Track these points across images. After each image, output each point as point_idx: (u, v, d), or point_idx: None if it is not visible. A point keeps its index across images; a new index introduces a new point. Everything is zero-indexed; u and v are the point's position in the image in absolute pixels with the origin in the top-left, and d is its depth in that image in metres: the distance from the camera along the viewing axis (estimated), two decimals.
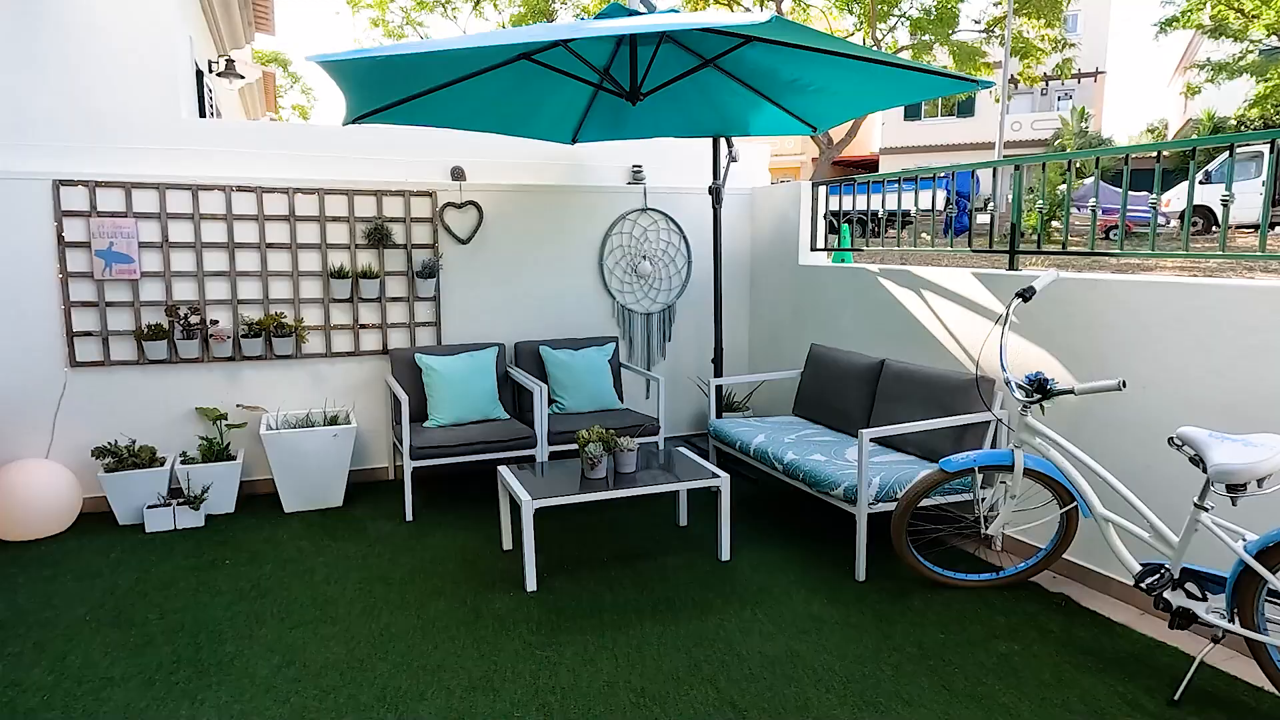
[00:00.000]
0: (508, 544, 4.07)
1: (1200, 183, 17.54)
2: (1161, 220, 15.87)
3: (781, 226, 5.61)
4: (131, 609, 3.42)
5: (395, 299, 5.08)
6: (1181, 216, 16.08)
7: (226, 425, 4.68)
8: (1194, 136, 23.81)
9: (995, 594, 3.49)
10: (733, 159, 5.47)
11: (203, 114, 6.30)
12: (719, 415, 5.15)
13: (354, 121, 4.20)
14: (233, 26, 7.86)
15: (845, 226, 5.62)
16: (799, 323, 5.44)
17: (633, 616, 3.35)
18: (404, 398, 4.46)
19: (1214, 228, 14.78)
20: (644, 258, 5.64)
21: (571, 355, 5.18)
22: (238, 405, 4.76)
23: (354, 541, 4.17)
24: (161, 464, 4.45)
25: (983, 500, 3.46)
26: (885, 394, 4.36)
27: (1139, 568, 2.82)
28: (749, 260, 6.01)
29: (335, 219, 4.90)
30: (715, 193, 5.20)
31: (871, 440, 4.06)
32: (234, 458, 4.63)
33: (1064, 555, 3.57)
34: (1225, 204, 3.05)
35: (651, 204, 5.65)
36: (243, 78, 7.06)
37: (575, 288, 5.52)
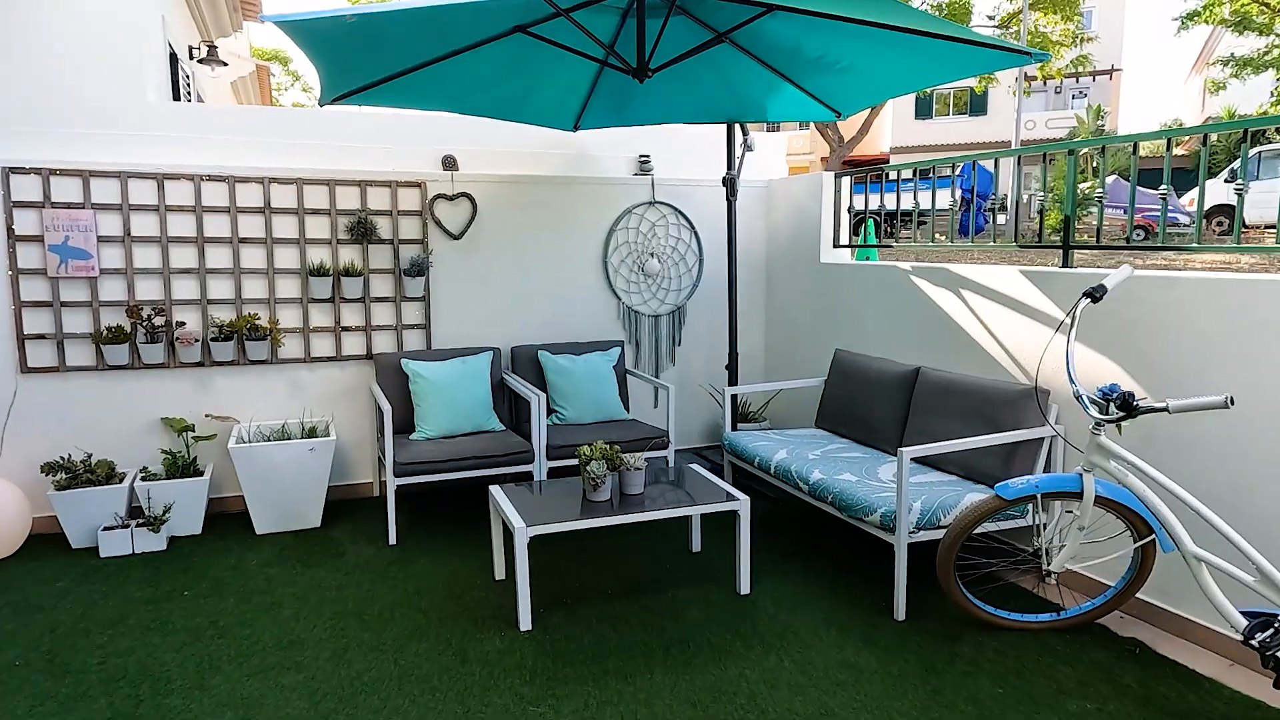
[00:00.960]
0: (500, 572, 3.64)
1: (1225, 181, 17.05)
2: (1185, 220, 15.40)
3: (801, 221, 5.17)
4: (70, 652, 3.00)
5: (380, 299, 4.66)
6: (1208, 215, 15.60)
7: (193, 437, 4.27)
8: (1212, 136, 23.33)
9: (1057, 638, 3.05)
10: (748, 148, 5.04)
11: (177, 100, 5.90)
12: (734, 427, 4.72)
13: (332, 102, 3.78)
14: (218, 13, 7.46)
15: (870, 221, 5.20)
16: (821, 326, 5.00)
17: (641, 663, 2.91)
18: (387, 408, 4.04)
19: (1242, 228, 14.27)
20: (652, 255, 5.21)
21: (573, 361, 4.76)
22: (207, 415, 4.34)
23: (330, 569, 3.75)
24: (120, 481, 4.04)
25: (1043, 529, 3.02)
26: (921, 406, 3.92)
27: (1244, 620, 2.37)
28: (765, 258, 5.57)
29: (315, 212, 4.48)
30: (730, 184, 4.76)
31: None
32: (201, 473, 4.21)
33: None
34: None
35: (660, 197, 5.23)
36: (225, 64, 6.66)
37: (577, 287, 5.10)
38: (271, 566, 3.77)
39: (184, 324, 4.26)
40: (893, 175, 4.62)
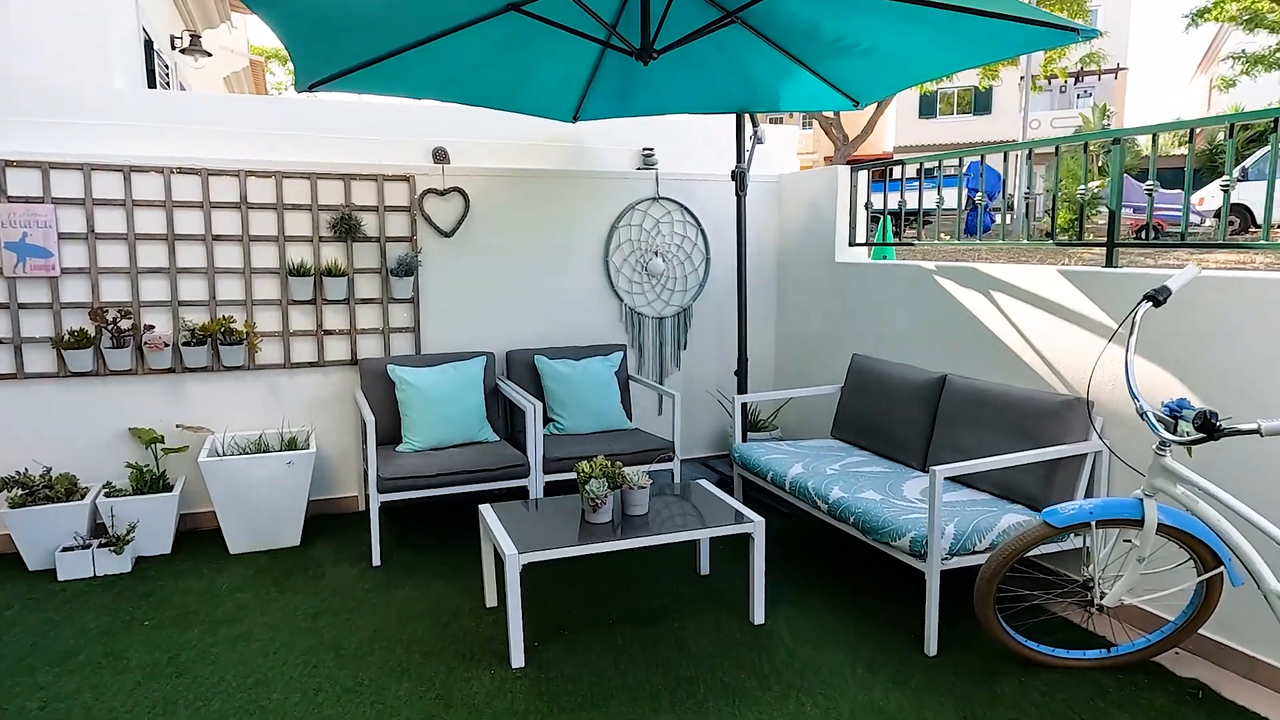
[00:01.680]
0: (492, 599, 3.33)
1: (1237, 180, 16.74)
2: (1196, 220, 15.10)
3: (814, 218, 4.87)
4: (8, 693, 2.69)
5: (366, 301, 4.36)
6: (1218, 215, 15.35)
7: (163, 449, 3.96)
8: (1220, 134, 22.97)
9: (1108, 678, 2.74)
10: (758, 140, 4.74)
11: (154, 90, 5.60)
12: (744, 438, 4.42)
13: (310, 89, 3.48)
14: (203, 2, 7.16)
15: (886, 218, 4.90)
16: (836, 329, 4.70)
17: (646, 706, 2.61)
18: (370, 419, 3.74)
19: (1252, 227, 13.96)
20: (656, 254, 4.91)
21: (572, 367, 4.45)
22: (178, 426, 4.04)
23: (307, 594, 3.44)
24: (82, 497, 3.74)
25: (1094, 556, 2.72)
26: (948, 417, 3.62)
27: None
28: (776, 257, 5.27)
29: (295, 207, 4.18)
30: (739, 178, 4.46)
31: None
32: (171, 488, 3.91)
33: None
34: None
35: (664, 192, 4.93)
36: (209, 55, 6.35)
37: (576, 288, 4.80)
38: (243, 591, 3.47)
39: (153, 327, 3.96)
40: (911, 171, 4.32)
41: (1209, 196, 16.62)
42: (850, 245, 4.67)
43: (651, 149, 4.91)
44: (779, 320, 5.28)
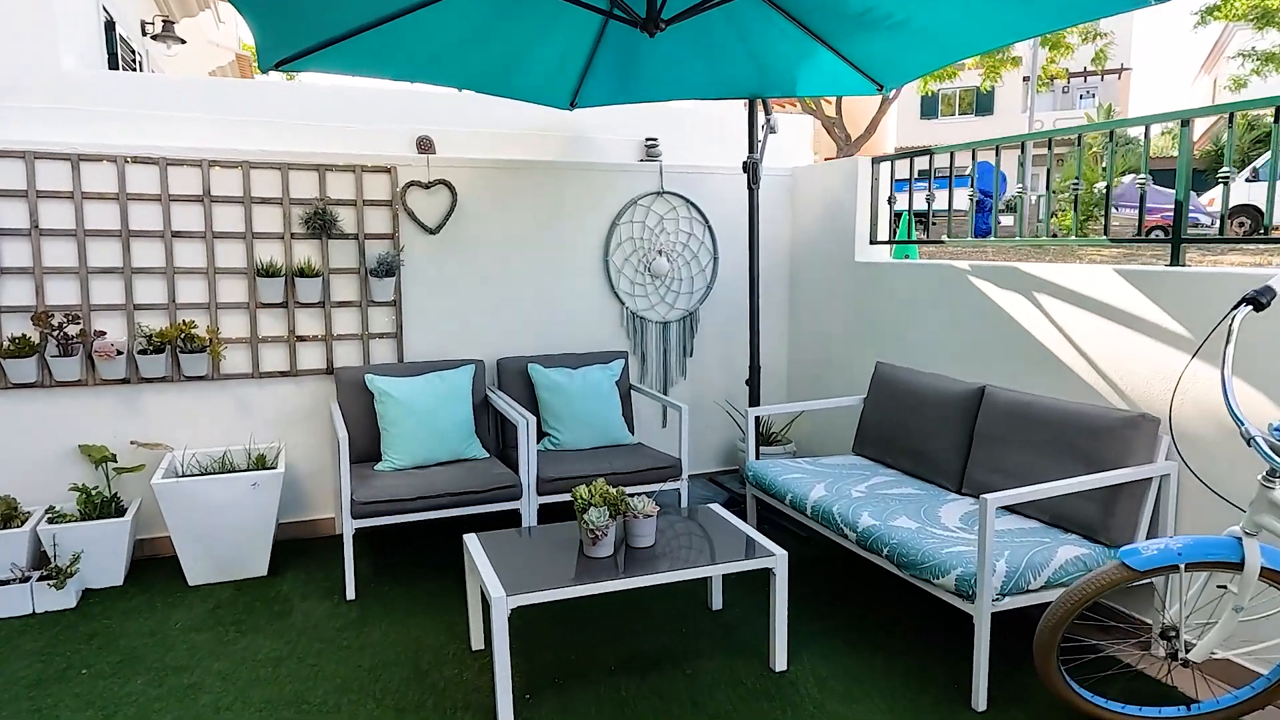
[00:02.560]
0: (478, 640, 2.95)
1: (1247, 181, 16.49)
2: (1206, 220, 14.78)
3: (833, 214, 4.50)
4: None
5: (343, 304, 3.98)
6: (1230, 215, 15.06)
7: (115, 469, 3.58)
8: (1224, 135, 22.73)
9: None
10: (771, 130, 4.37)
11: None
12: (757, 455, 4.04)
13: (275, 68, 3.10)
14: None
15: (906, 214, 4.53)
16: (857, 335, 4.32)
17: None
18: (344, 435, 3.35)
19: (1262, 229, 13.64)
20: (660, 253, 4.54)
21: (569, 376, 4.08)
22: (133, 443, 3.65)
23: (270, 634, 3.06)
24: (22, 523, 3.35)
25: (1174, 599, 2.34)
26: (988, 433, 3.24)
27: None
28: (789, 256, 4.89)
29: (264, 201, 3.80)
30: (752, 169, 4.09)
31: (977, 503, 2.97)
32: (124, 512, 3.52)
33: None
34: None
35: (669, 186, 4.55)
36: (183, 42, 5.97)
37: (574, 290, 4.42)
38: (199, 630, 3.08)
39: (104, 334, 3.57)
40: (940, 161, 3.95)
41: (1219, 198, 16.29)
42: (871, 243, 4.30)
43: (655, 139, 4.54)
44: (792, 325, 4.90)
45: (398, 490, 3.35)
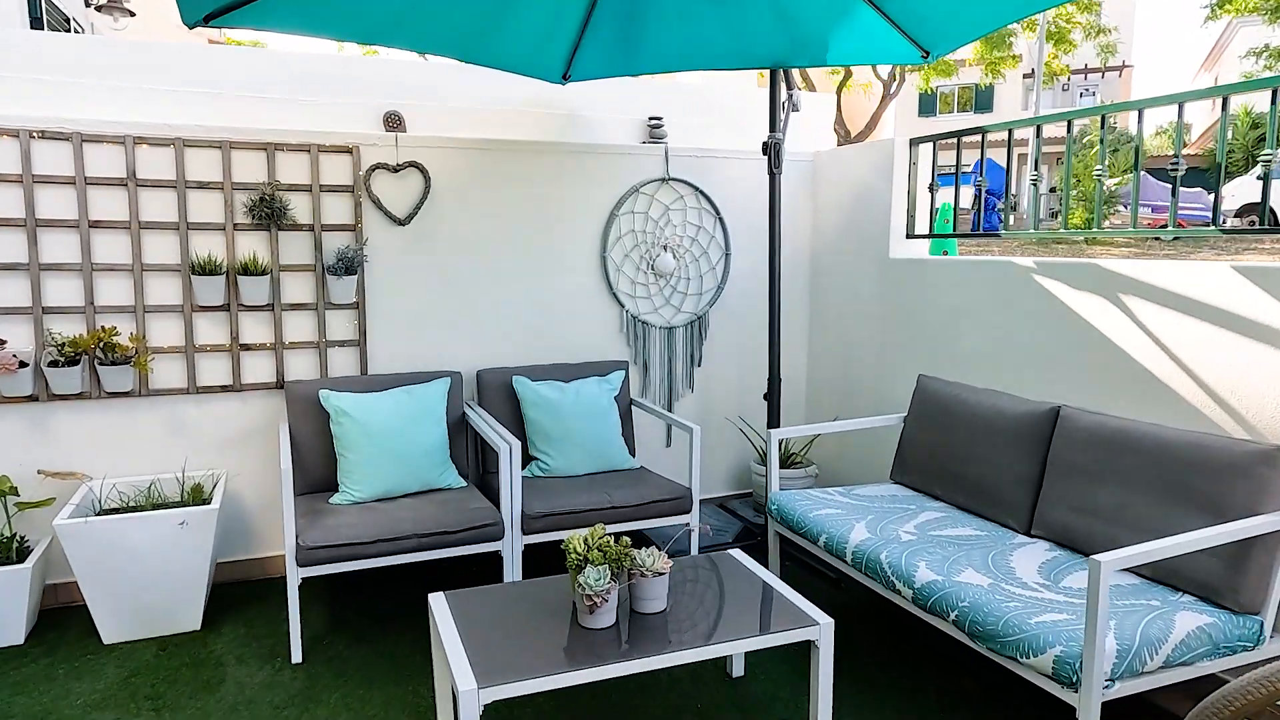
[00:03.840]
0: (447, 717, 2.39)
1: (1258, 178, 16.12)
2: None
3: (862, 204, 3.94)
4: None
5: (296, 307, 3.40)
6: (1239, 214, 14.66)
7: (17, 504, 3.00)
8: (1228, 134, 22.31)
9: None
10: (794, 107, 3.82)
11: None
12: (780, 484, 3.49)
13: (203, 23, 2.53)
14: None
15: (946, 204, 3.98)
16: (892, 343, 3.77)
17: None
18: (287, 465, 2.78)
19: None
20: (665, 248, 3.98)
21: (560, 390, 3.51)
22: (40, 472, 3.06)
23: (192, 713, 2.48)
24: None
25: None
26: (1065, 463, 2.69)
27: None
28: (809, 253, 4.34)
29: (202, 185, 3.22)
30: (773, 151, 3.53)
31: (1054, 549, 2.44)
32: (25, 556, 2.94)
33: None
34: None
35: (676, 172, 3.99)
36: (132, 14, 5.38)
37: (566, 291, 3.85)
38: (104, 709, 2.51)
39: (4, 343, 2.99)
40: (997, 138, 3.41)
41: (1229, 195, 15.96)
42: (908, 237, 3.75)
43: (660, 119, 3.98)
44: (812, 331, 4.34)
45: (354, 531, 2.78)
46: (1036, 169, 3.20)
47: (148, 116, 3.21)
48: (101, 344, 3.07)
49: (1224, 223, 14.93)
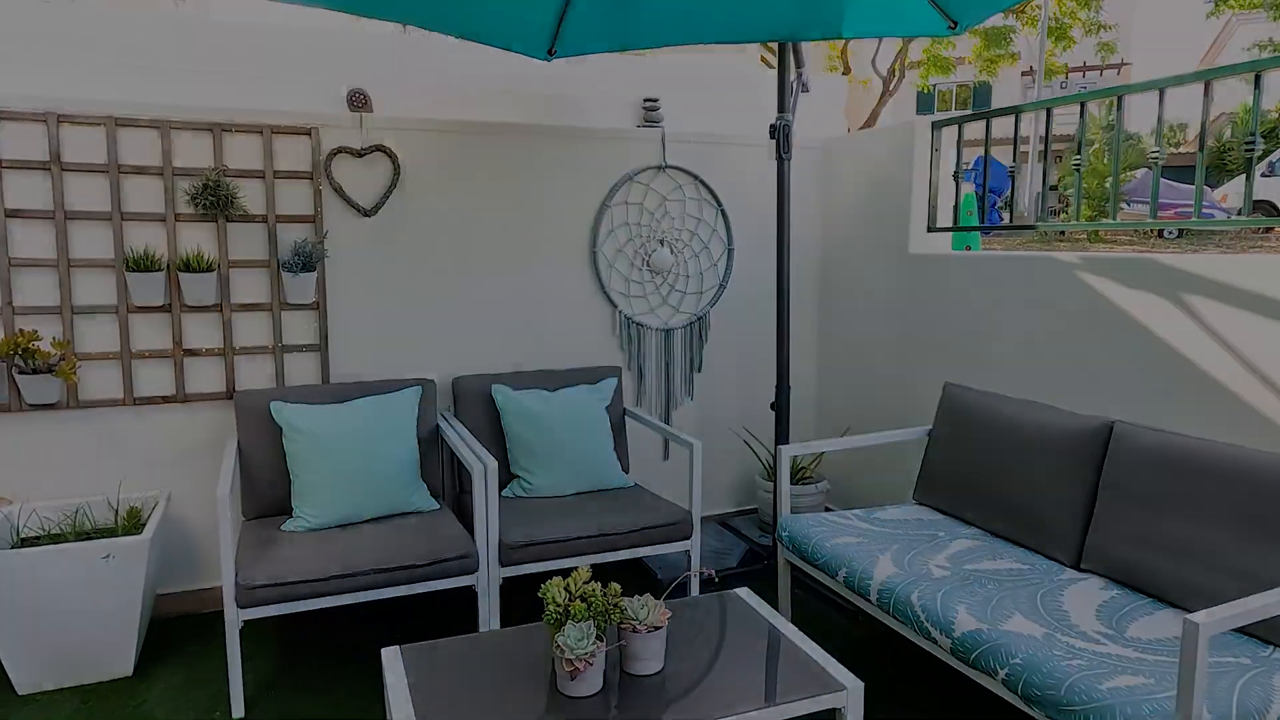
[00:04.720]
0: None
1: (1263, 175, 15.93)
2: (1222, 216, 14.20)
3: (879, 194, 3.59)
4: None
5: (248, 307, 3.03)
6: (1241, 211, 14.53)
7: None
8: (1226, 132, 22.04)
9: None
10: (804, 88, 3.46)
11: None
12: (791, 506, 3.13)
13: None
14: None
15: (969, 196, 3.64)
16: (912, 347, 3.42)
17: None
18: (224, 488, 2.40)
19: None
20: (662, 243, 3.62)
21: (545, 400, 3.15)
22: None
23: None
24: None
25: None
26: (1121, 486, 2.34)
27: None
28: (819, 248, 3.98)
29: (139, 170, 2.85)
30: (782, 134, 3.17)
31: (1108, 585, 2.10)
32: None
33: None
34: None
35: (673, 159, 3.63)
36: None
37: (552, 289, 3.49)
38: None
39: None
40: (1000, 135, 3.07)
41: (1232, 194, 15.74)
42: (930, 230, 3.40)
43: (656, 100, 3.62)
44: (822, 333, 3.99)
45: (305, 566, 2.41)
46: (1046, 157, 2.87)
47: (75, 92, 2.83)
48: (20, 350, 2.69)
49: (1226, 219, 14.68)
